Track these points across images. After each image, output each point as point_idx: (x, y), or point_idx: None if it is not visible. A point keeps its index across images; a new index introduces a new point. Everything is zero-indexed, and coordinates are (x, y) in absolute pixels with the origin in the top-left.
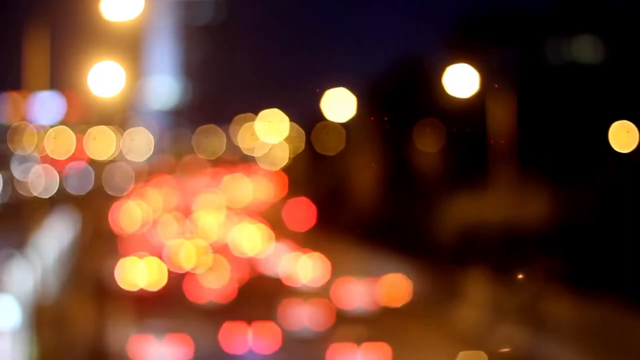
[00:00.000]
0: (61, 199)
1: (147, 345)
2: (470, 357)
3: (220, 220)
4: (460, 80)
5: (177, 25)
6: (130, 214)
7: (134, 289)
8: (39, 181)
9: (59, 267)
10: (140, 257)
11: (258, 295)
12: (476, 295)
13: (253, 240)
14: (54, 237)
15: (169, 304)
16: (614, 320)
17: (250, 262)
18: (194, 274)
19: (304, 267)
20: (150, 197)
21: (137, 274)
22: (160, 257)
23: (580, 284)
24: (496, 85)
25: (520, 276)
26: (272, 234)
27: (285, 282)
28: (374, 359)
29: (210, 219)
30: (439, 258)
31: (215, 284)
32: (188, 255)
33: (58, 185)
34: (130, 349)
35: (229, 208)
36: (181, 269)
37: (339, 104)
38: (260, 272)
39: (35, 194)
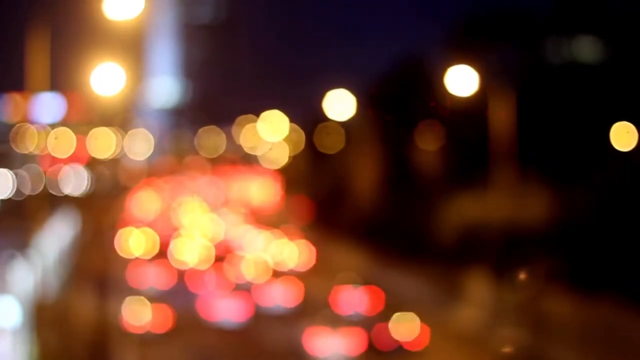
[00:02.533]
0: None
1: (141, 266)
2: (404, 318)
3: (211, 213)
4: (461, 80)
5: (179, 24)
6: (132, 210)
7: (131, 257)
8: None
9: (59, 267)
10: (137, 227)
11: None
12: (477, 295)
13: (235, 230)
14: (55, 237)
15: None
16: (614, 320)
17: (227, 244)
18: (180, 251)
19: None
20: (151, 194)
21: (134, 243)
22: (154, 228)
23: (580, 284)
24: (496, 86)
25: (521, 276)
26: (253, 222)
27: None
28: (287, 287)
29: (203, 212)
30: (440, 257)
31: (196, 258)
32: (177, 238)
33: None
34: (128, 273)
35: (223, 203)
36: (169, 245)
37: (339, 104)
38: (233, 251)
39: None
